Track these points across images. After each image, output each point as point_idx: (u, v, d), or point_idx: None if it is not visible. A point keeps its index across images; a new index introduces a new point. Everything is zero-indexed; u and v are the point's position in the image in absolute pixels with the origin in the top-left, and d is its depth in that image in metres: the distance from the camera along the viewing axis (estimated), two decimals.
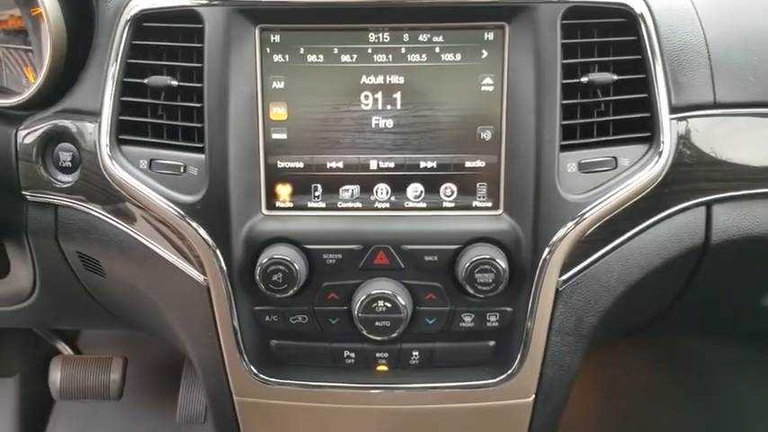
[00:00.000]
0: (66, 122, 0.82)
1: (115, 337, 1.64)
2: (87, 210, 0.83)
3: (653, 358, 1.37)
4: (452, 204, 0.77)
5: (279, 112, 0.77)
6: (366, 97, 0.77)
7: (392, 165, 0.77)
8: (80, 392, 1.41)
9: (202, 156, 0.77)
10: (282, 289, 0.75)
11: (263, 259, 0.75)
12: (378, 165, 0.78)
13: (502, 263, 0.73)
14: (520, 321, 0.78)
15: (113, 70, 0.79)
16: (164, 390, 1.63)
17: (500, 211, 0.76)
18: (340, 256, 0.76)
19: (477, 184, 0.77)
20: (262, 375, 0.82)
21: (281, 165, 0.78)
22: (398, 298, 0.75)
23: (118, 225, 0.82)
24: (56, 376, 1.40)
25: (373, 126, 0.77)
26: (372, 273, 0.77)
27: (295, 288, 0.75)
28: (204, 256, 0.78)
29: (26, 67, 0.91)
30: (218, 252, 0.77)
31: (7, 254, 0.94)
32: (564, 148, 0.74)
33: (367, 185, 0.78)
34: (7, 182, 0.85)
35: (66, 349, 1.55)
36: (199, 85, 0.76)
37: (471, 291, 0.73)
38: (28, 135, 0.84)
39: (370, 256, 0.76)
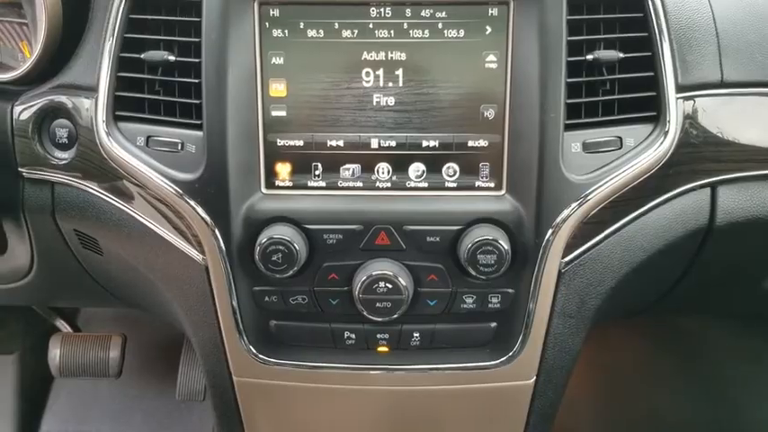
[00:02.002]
0: (63, 98, 0.81)
1: (114, 314, 1.64)
2: (84, 187, 0.82)
3: (653, 338, 1.37)
4: (455, 184, 0.76)
5: (278, 88, 0.76)
6: (367, 74, 0.75)
7: (393, 144, 0.76)
8: (79, 370, 1.41)
9: (200, 133, 0.75)
10: (282, 269, 0.74)
11: (263, 239, 0.74)
12: (379, 143, 0.76)
13: (504, 244, 0.72)
14: (522, 303, 0.77)
15: (110, 45, 0.77)
16: (163, 367, 1.63)
17: (503, 192, 0.75)
18: (340, 236, 0.75)
19: (480, 164, 0.75)
20: (261, 356, 0.81)
21: (280, 143, 0.77)
22: (399, 279, 0.74)
23: (115, 203, 0.81)
24: (55, 354, 1.41)
25: (374, 104, 0.76)
26: (373, 253, 0.76)
27: (295, 268, 0.74)
28: (203, 236, 0.77)
29: (21, 42, 0.89)
30: (216, 231, 0.76)
31: (5, 231, 0.94)
32: (568, 128, 0.73)
33: (368, 164, 0.77)
34: (3, 158, 0.83)
35: (65, 327, 1.56)
36: (196, 60, 0.75)
37: (473, 272, 0.72)
38: (24, 111, 0.82)
39: (371, 236, 0.75)
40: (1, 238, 0.94)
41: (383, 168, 0.77)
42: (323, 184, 0.77)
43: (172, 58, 0.76)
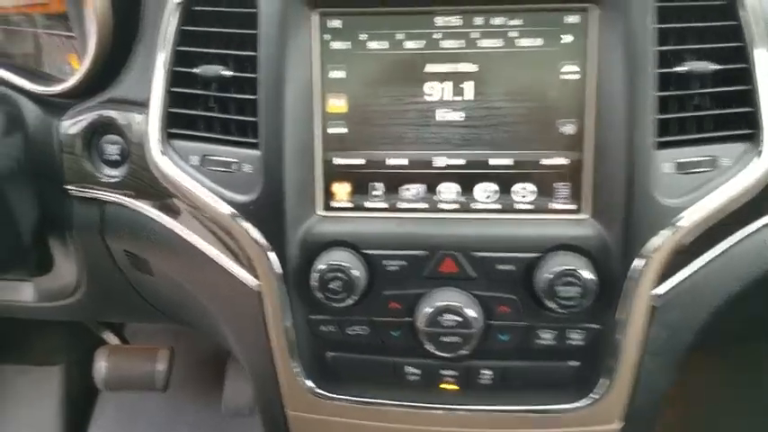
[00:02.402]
0: (113, 113, 0.78)
1: (161, 326, 1.62)
2: (135, 206, 0.79)
3: (726, 364, 1.28)
4: (529, 206, 0.70)
5: (337, 104, 0.71)
6: (432, 87, 0.70)
7: (461, 162, 0.70)
8: (125, 383, 1.40)
9: (257, 152, 0.71)
10: (340, 298, 0.69)
11: (320, 265, 0.69)
12: (444, 162, 0.71)
13: (588, 274, 0.65)
14: (607, 340, 0.70)
15: (162, 58, 0.73)
16: (209, 380, 1.61)
17: (584, 215, 0.68)
18: (403, 262, 0.70)
19: (557, 184, 0.69)
20: (317, 389, 0.76)
21: (338, 161, 0.72)
22: (468, 311, 0.68)
23: (167, 224, 0.78)
24: (101, 366, 1.39)
25: (440, 119, 0.70)
26: (438, 282, 0.70)
27: (354, 297, 0.69)
28: (257, 260, 0.73)
29: (69, 54, 0.87)
30: (271, 255, 0.72)
31: (50, 249, 0.91)
32: (659, 146, 0.66)
33: (432, 184, 0.71)
34: (50, 176, 0.81)
35: (111, 339, 1.54)
36: (253, 75, 0.70)
37: (552, 305, 0.66)
38: (72, 125, 0.80)
39: (435, 262, 0.70)
40: (47, 255, 0.92)
41: (448, 188, 0.71)
42: (383, 205, 0.72)
43: (227, 72, 0.71)
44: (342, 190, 0.72)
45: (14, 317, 1.05)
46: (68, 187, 0.81)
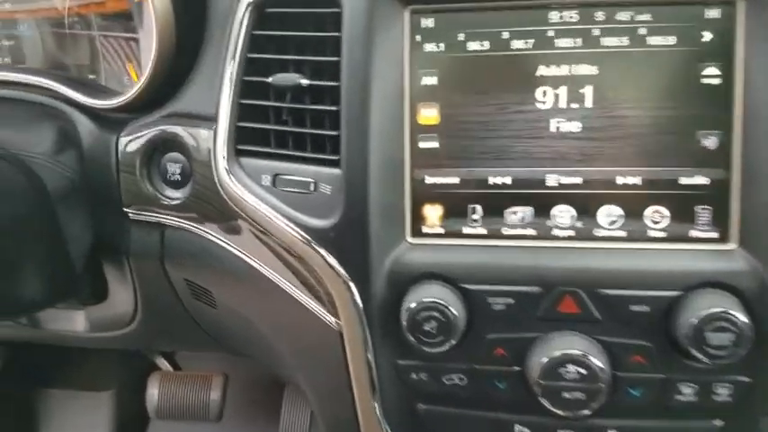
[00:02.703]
0: (176, 128, 0.70)
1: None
2: (199, 231, 0.71)
3: None
4: (662, 234, 0.59)
5: (429, 114, 0.61)
6: (544, 93, 0.60)
7: (578, 180, 0.60)
8: (178, 412, 1.35)
9: (337, 171, 0.62)
10: (436, 342, 0.59)
11: (411, 303, 0.59)
12: (558, 180, 0.60)
13: (743, 318, 0.54)
14: (760, 395, 0.58)
15: (231, 67, 0.65)
16: (265, 409, 1.52)
17: (731, 245, 0.57)
18: (510, 300, 0.59)
19: (698, 208, 0.58)
20: None
21: (429, 180, 0.62)
22: (594, 360, 0.57)
23: (234, 251, 0.69)
24: (153, 393, 1.36)
25: (553, 130, 0.60)
26: (555, 324, 0.59)
27: (452, 341, 0.59)
28: (337, 295, 0.63)
29: (128, 63, 0.79)
30: (354, 290, 0.62)
31: (105, 276, 0.84)
32: None
33: (543, 207, 0.61)
34: (106, 197, 0.74)
35: (164, 364, 1.48)
36: (334, 83, 0.61)
37: (698, 355, 0.54)
38: (131, 143, 0.73)
39: (551, 301, 0.59)
40: (102, 283, 0.84)
41: (563, 212, 0.61)
42: (483, 231, 0.62)
43: (304, 81, 0.63)
44: (434, 213, 0.62)
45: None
46: (126, 210, 0.74)
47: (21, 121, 0.79)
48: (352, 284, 0.62)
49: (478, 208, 0.62)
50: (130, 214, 0.74)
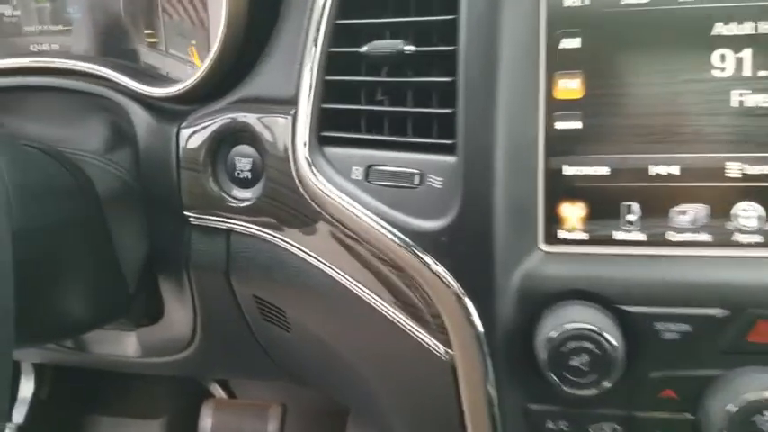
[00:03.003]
0: (247, 116, 0.59)
1: None
2: (272, 239, 0.59)
3: None
4: None
5: (569, 86, 0.48)
6: (722, 58, 0.46)
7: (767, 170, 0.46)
8: None
9: (451, 158, 0.49)
10: (586, 382, 0.45)
11: (550, 328, 0.45)
12: (741, 170, 0.46)
13: None
14: None
15: (314, 36, 0.53)
16: None
17: None
18: (687, 327, 0.45)
19: None
20: None
21: (569, 171, 0.48)
22: None
23: (315, 262, 0.57)
24: (207, 423, 1.27)
25: (734, 105, 0.46)
26: (743, 359, 0.45)
27: (608, 381, 0.45)
28: (449, 316, 0.50)
29: (189, 46, 0.69)
30: (472, 309, 0.49)
31: (161, 292, 0.72)
32: None
33: (721, 205, 0.47)
34: (164, 200, 0.63)
35: (218, 391, 1.38)
36: (448, 47, 0.49)
37: None
38: (194, 135, 0.62)
39: (741, 328, 0.44)
40: (156, 301, 0.73)
41: (747, 211, 0.46)
42: (641, 237, 0.48)
43: (408, 48, 0.50)
44: (575, 213, 0.49)
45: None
46: (187, 214, 0.62)
47: (69, 115, 0.70)
48: (468, 302, 0.49)
49: (635, 206, 0.48)
50: (192, 219, 0.63)
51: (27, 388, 1.24)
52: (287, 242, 0.58)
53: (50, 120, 0.71)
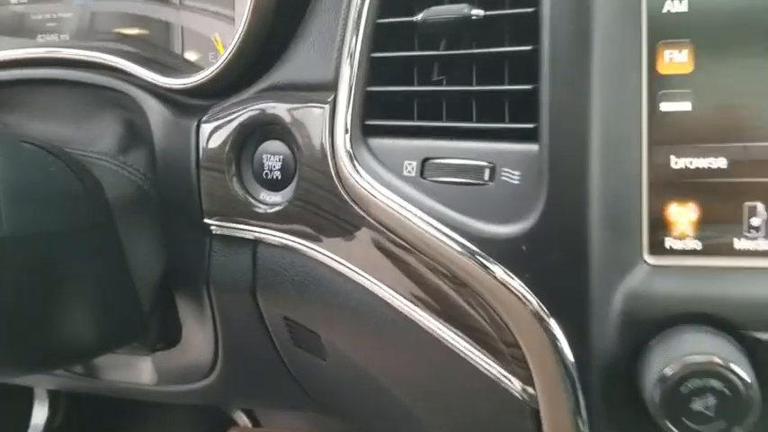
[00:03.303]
0: (276, 107, 0.50)
1: None
2: (307, 250, 0.50)
3: None
4: None
5: (677, 59, 0.39)
6: None
7: None
8: None
9: (532, 147, 0.40)
10: (712, 428, 0.35)
11: (664, 365, 0.35)
12: None
13: None
14: None
15: (359, 6, 0.45)
16: None
17: None
18: None
19: None
20: None
21: (677, 163, 0.39)
22: None
23: (359, 278, 0.48)
24: None
25: None
26: None
27: (740, 428, 0.35)
28: (530, 344, 0.40)
29: (212, 35, 0.61)
30: (559, 336, 0.39)
31: (178, 314, 0.64)
32: None
33: None
34: (183, 206, 0.55)
35: (242, 419, 1.29)
36: (528, 9, 0.40)
37: None
38: (216, 131, 0.53)
39: None
40: (174, 322, 0.65)
41: None
42: None
43: (477, 12, 0.41)
44: (685, 217, 0.39)
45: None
46: (208, 221, 0.54)
47: (77, 112, 0.64)
48: (554, 325, 0.39)
49: (761, 208, 0.38)
50: (213, 228, 0.54)
51: (40, 415, 1.18)
52: (324, 254, 0.49)
53: (57, 117, 0.64)
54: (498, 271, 0.40)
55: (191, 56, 0.62)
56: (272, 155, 0.51)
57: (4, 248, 0.44)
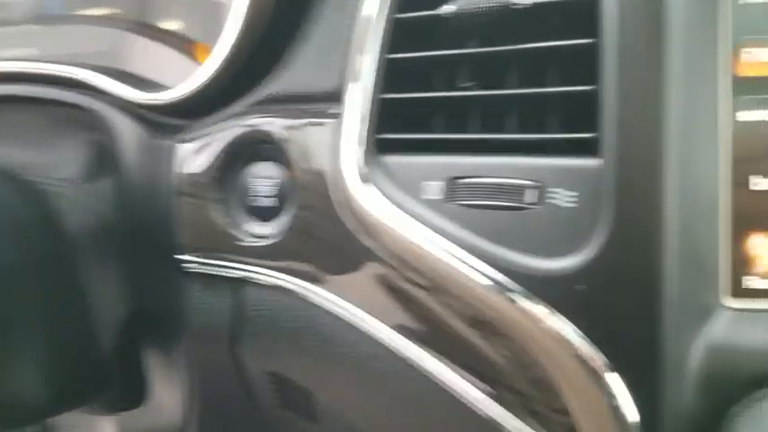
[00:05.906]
0: (272, 122, 0.43)
1: None
2: (303, 291, 0.41)
3: None
4: None
5: (761, 58, 0.32)
6: None
7: None
8: None
9: (591, 162, 0.32)
10: None
11: None
12: None
13: None
14: None
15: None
16: None
17: None
18: None
19: None
20: None
21: (759, 185, 0.32)
22: None
23: (364, 324, 0.39)
24: None
25: None
26: None
27: None
28: (581, 409, 0.32)
29: (191, 43, 0.54)
30: (618, 401, 0.31)
31: (145, 368, 0.55)
32: None
33: None
34: (154, 240, 0.47)
35: None
36: None
37: None
38: (197, 153, 0.46)
39: None
40: (139, 377, 0.57)
41: None
42: None
43: (522, 0, 0.35)
44: None
45: None
46: (185, 258, 0.45)
47: (41, 133, 0.56)
48: (615, 384, 0.31)
49: None
50: (191, 266, 0.46)
51: None
52: (323, 296, 0.41)
53: (17, 140, 0.57)
54: (545, 315, 0.32)
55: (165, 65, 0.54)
56: (265, 179, 0.44)
57: None
